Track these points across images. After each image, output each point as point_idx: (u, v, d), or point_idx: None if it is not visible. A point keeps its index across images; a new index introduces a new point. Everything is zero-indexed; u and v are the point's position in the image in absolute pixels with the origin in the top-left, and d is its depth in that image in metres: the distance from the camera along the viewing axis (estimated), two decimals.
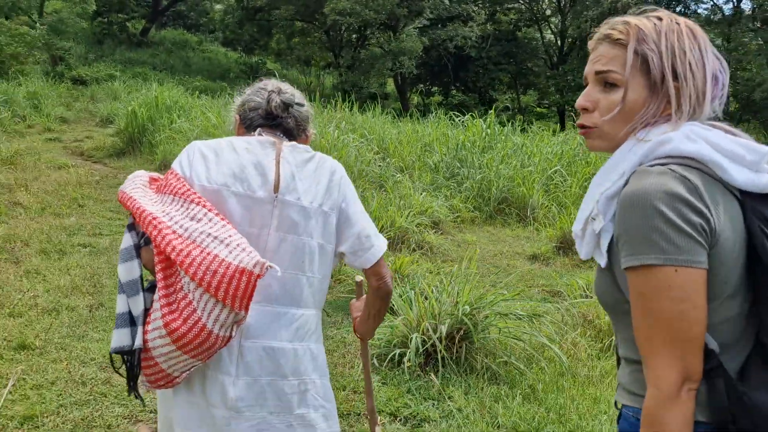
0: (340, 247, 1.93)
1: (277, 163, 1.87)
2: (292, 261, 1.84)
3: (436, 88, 31.60)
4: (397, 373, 3.88)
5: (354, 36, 27.56)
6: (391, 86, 29.99)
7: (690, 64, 1.29)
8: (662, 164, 1.23)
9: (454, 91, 31.11)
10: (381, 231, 6.52)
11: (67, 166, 9.73)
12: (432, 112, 15.93)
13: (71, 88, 18.16)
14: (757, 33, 26.18)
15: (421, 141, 11.29)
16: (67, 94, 17.27)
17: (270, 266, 1.64)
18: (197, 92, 15.55)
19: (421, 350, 3.84)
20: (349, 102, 12.69)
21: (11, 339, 4.07)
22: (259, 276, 1.63)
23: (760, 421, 1.17)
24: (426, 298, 4.19)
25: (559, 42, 30.64)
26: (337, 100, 12.55)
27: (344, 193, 1.94)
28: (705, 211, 1.18)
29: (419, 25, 26.41)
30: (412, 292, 4.41)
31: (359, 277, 2.31)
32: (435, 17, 26.11)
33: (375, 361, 3.98)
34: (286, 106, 1.97)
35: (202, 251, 1.63)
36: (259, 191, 1.82)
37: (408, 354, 3.83)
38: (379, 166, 9.26)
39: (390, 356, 3.95)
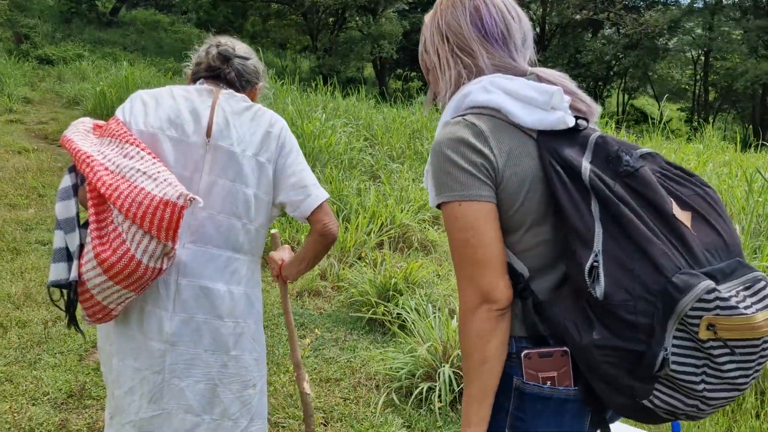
0: (277, 198, 1.96)
1: (213, 109, 1.92)
2: (225, 205, 1.88)
3: (415, 73, 30.87)
4: (423, 414, 3.19)
5: (332, 19, 26.68)
6: (369, 71, 29.20)
7: (435, 35, 1.47)
8: (462, 115, 1.37)
9: None
10: (381, 228, 5.91)
11: (27, 150, 8.82)
12: (414, 98, 15.27)
13: (37, 68, 17.05)
14: (739, 22, 25.97)
15: (409, 127, 10.61)
16: (32, 73, 16.17)
17: (193, 198, 1.68)
18: (170, 73, 14.76)
19: (456, 388, 3.13)
20: (330, 86, 11.92)
21: None
22: (183, 207, 1.66)
23: (555, 330, 1.30)
24: (452, 317, 3.50)
25: (539, 29, 30.07)
26: (317, 82, 11.78)
27: (282, 145, 1.96)
28: (487, 152, 1.31)
29: (399, 8, 25.67)
30: (431, 306, 3.72)
31: (274, 230, 2.29)
32: (415, 0, 25.39)
33: (394, 396, 3.29)
34: (225, 57, 2.01)
35: (130, 185, 1.68)
36: (192, 136, 1.88)
37: (437, 389, 3.14)
38: (370, 154, 8.55)
39: (415, 392, 3.24)
